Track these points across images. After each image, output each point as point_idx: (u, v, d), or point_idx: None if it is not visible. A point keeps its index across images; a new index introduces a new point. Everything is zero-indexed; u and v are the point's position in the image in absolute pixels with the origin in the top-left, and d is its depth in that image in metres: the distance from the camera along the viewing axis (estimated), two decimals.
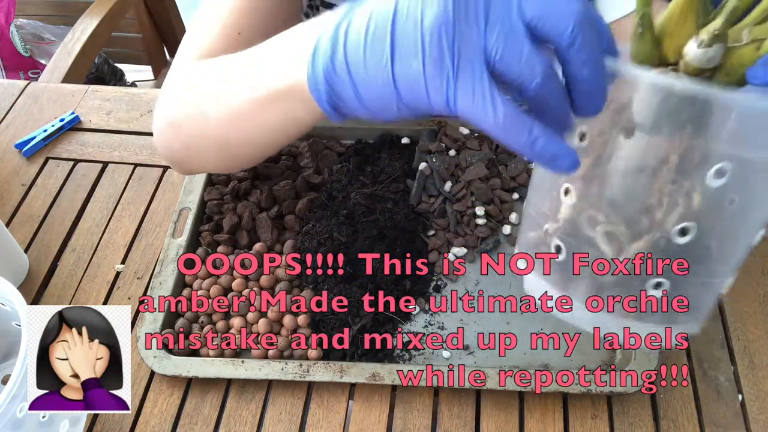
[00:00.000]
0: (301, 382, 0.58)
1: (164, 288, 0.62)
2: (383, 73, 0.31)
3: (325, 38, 0.33)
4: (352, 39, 0.31)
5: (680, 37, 0.35)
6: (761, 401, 0.58)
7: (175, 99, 0.55)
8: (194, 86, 0.53)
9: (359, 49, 0.31)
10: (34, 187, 0.75)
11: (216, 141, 0.51)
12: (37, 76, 1.46)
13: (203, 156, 0.55)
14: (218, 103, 0.48)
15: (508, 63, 0.28)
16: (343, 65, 0.32)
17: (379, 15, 0.31)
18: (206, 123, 0.51)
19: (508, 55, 0.28)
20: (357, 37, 0.31)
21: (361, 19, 0.31)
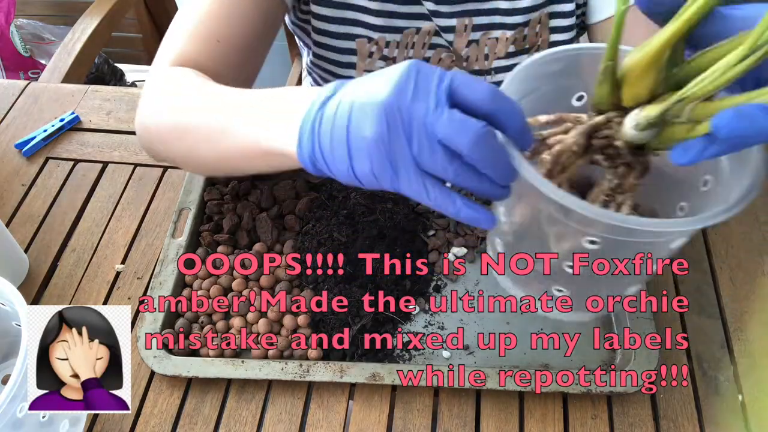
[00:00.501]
0: (301, 382, 0.58)
1: (164, 288, 0.62)
2: (347, 169, 0.41)
3: (306, 133, 0.42)
4: (324, 140, 0.41)
5: (638, 88, 0.39)
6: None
7: (160, 115, 0.59)
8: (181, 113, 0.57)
9: (328, 149, 0.41)
10: (34, 187, 0.75)
11: (202, 166, 0.60)
12: (37, 76, 1.46)
13: (186, 166, 0.63)
14: (207, 142, 0.54)
15: (428, 166, 0.39)
16: (321, 157, 0.42)
17: (339, 124, 0.40)
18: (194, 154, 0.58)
19: (426, 162, 0.38)
20: (326, 140, 0.41)
21: (326, 125, 0.41)
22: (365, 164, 0.39)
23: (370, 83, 0.40)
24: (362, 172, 0.40)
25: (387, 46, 0.71)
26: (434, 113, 0.37)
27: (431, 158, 0.38)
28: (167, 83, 0.60)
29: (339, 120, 0.40)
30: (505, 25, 0.69)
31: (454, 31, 0.69)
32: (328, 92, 0.42)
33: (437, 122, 0.37)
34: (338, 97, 0.41)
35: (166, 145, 0.59)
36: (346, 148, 0.40)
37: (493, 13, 0.68)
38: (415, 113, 0.38)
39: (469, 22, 0.69)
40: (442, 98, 0.38)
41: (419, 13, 0.69)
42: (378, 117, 0.38)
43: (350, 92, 0.41)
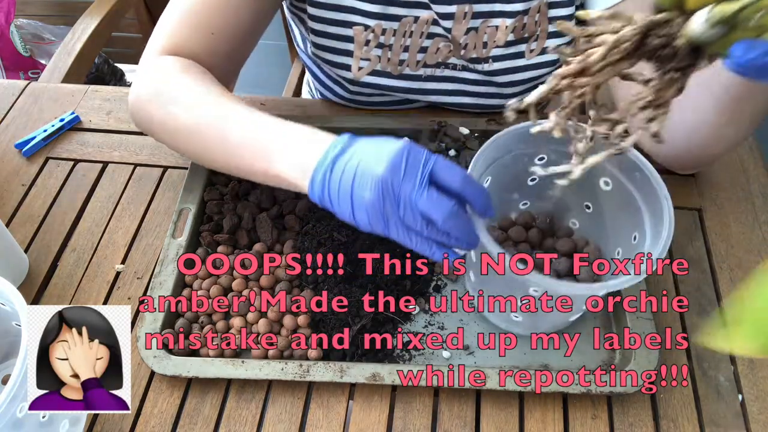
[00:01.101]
0: (301, 382, 0.58)
1: (164, 288, 0.62)
2: (349, 216, 0.51)
3: (318, 179, 0.51)
4: (332, 190, 0.51)
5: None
6: (761, 401, 0.58)
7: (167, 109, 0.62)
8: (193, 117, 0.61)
9: (335, 198, 0.51)
10: (34, 187, 0.75)
11: (206, 164, 0.65)
12: (37, 76, 1.46)
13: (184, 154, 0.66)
14: (219, 152, 0.59)
15: (411, 226, 0.50)
16: (328, 201, 0.52)
17: (344, 184, 0.50)
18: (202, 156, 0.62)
19: (410, 224, 0.49)
20: (334, 190, 0.50)
21: (335, 180, 0.50)
22: (363, 216, 0.50)
23: (373, 154, 0.49)
24: (361, 221, 0.50)
25: (383, 34, 0.71)
26: (417, 191, 0.48)
27: (413, 222, 0.49)
28: (173, 76, 0.63)
29: (345, 181, 0.50)
30: (505, 13, 0.69)
31: (453, 18, 0.69)
32: (340, 147, 0.51)
33: (419, 199, 0.48)
34: (347, 157, 0.50)
35: (171, 137, 0.63)
36: (350, 202, 0.50)
37: (494, 0, 0.69)
38: (403, 189, 0.48)
39: (469, 9, 0.69)
40: (424, 179, 0.48)
41: (417, 1, 0.69)
42: (375, 187, 0.48)
43: (357, 157, 0.50)
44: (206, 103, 0.60)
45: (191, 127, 0.60)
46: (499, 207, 0.67)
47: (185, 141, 0.62)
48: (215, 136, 0.58)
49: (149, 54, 0.66)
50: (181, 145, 0.63)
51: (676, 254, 0.67)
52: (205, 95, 0.61)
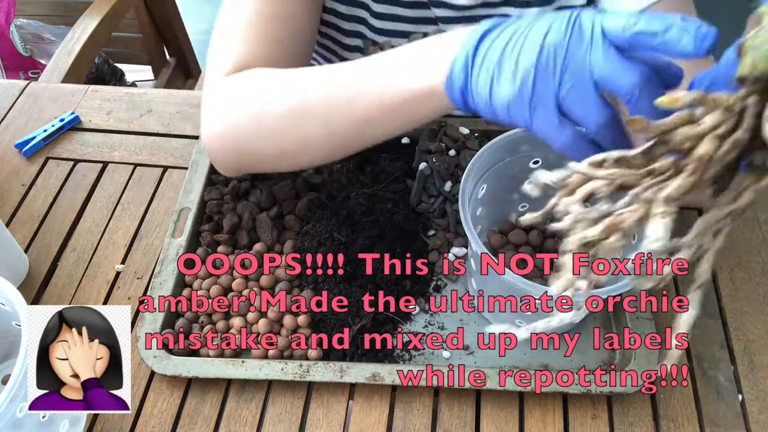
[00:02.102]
0: (301, 382, 0.58)
1: (164, 288, 0.62)
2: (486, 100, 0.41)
3: (459, 63, 0.42)
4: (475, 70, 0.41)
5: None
6: (761, 401, 0.58)
7: (261, 110, 0.55)
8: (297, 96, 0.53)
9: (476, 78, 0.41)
10: (34, 187, 0.75)
11: (318, 149, 0.56)
12: (37, 76, 1.46)
13: (292, 159, 0.58)
14: (338, 112, 0.51)
15: (571, 109, 0.39)
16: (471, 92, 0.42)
17: (492, 54, 0.40)
18: (316, 136, 0.54)
19: (575, 105, 0.38)
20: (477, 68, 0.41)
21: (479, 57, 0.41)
22: (506, 91, 0.40)
23: (533, 23, 0.40)
24: (498, 100, 0.40)
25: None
26: (594, 51, 0.37)
27: (581, 98, 0.38)
28: (253, 81, 0.57)
29: (492, 52, 0.40)
30: None
31: None
32: (488, 25, 0.42)
33: (599, 60, 0.37)
34: (498, 32, 0.41)
35: (274, 141, 0.56)
36: (490, 76, 0.40)
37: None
38: (574, 50, 0.38)
39: None
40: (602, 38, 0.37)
41: (426, 18, 0.68)
42: (533, 49, 0.38)
43: (511, 29, 0.41)
44: (301, 82, 0.54)
45: (298, 110, 0.53)
46: (499, 209, 0.67)
47: (299, 132, 0.54)
48: (326, 98, 0.51)
49: (214, 79, 0.59)
50: (297, 143, 0.55)
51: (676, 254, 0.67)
52: (296, 77, 0.54)
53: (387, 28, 0.69)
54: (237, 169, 0.63)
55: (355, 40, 0.71)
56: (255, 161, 0.60)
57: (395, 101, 0.47)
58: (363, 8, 0.68)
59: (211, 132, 0.59)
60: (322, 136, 0.53)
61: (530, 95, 0.39)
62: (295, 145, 0.55)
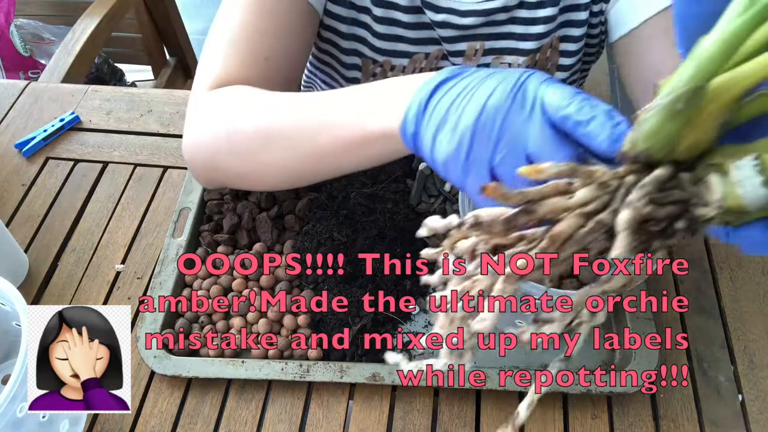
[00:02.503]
0: (301, 382, 0.58)
1: (164, 288, 0.62)
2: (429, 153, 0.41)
3: (412, 115, 0.42)
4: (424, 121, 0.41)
5: (708, 129, 0.28)
6: (761, 401, 0.58)
7: (234, 127, 0.55)
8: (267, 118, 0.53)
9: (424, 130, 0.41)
10: (34, 187, 0.75)
11: (284, 174, 0.55)
12: (37, 76, 1.46)
13: (259, 179, 0.58)
14: (301, 140, 0.51)
15: (502, 174, 0.38)
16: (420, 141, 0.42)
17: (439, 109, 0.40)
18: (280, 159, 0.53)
19: (503, 170, 0.38)
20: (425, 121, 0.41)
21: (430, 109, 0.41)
22: (442, 150, 0.39)
23: (485, 80, 0.40)
24: (438, 156, 0.40)
25: (392, 70, 0.70)
26: (531, 125, 0.37)
27: (510, 168, 0.37)
28: (230, 98, 0.57)
29: (440, 108, 0.40)
30: (518, 51, 0.68)
31: (463, 55, 0.68)
32: (443, 77, 0.42)
33: (532, 136, 0.36)
34: (452, 83, 0.41)
35: (240, 160, 0.56)
36: (434, 131, 0.40)
37: (508, 38, 0.67)
38: (511, 120, 0.37)
39: (480, 46, 0.67)
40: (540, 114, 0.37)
41: (428, 38, 0.68)
42: (473, 113, 0.38)
43: (464, 82, 0.40)
44: (274, 106, 0.53)
45: (266, 133, 0.53)
46: None
47: (264, 156, 0.54)
48: (296, 129, 0.51)
49: (198, 92, 0.59)
50: (261, 165, 0.55)
51: (676, 254, 0.67)
52: (270, 100, 0.54)
53: (387, 48, 0.68)
54: (210, 182, 0.63)
55: (354, 59, 0.71)
56: (224, 178, 0.60)
57: (354, 140, 0.48)
58: (364, 28, 0.68)
59: (187, 145, 0.59)
60: (285, 162, 0.53)
61: (465, 157, 0.39)
62: (260, 167, 0.55)
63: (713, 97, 0.27)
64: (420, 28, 0.67)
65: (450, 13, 0.65)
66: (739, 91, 0.26)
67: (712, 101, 0.27)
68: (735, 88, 0.26)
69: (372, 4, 0.66)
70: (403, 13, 0.66)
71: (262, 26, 0.59)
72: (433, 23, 0.66)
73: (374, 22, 0.67)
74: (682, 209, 0.28)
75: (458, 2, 0.64)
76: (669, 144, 0.28)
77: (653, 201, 0.28)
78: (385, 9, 0.65)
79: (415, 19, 0.66)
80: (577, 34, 0.67)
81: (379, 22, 0.67)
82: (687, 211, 0.28)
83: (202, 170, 0.60)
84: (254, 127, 0.53)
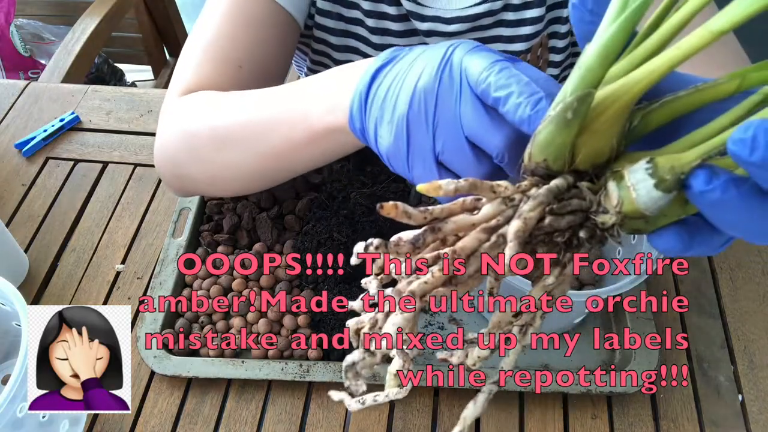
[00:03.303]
0: (301, 382, 0.58)
1: (164, 288, 0.62)
2: (374, 146, 0.39)
3: (356, 108, 0.40)
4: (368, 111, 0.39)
5: (604, 139, 0.27)
6: (761, 401, 0.58)
7: (192, 132, 0.55)
8: (220, 120, 0.53)
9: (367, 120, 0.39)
10: (34, 187, 0.75)
11: (242, 177, 0.54)
12: (37, 76, 1.46)
13: (222, 185, 0.57)
14: (253, 141, 0.50)
15: (449, 163, 0.36)
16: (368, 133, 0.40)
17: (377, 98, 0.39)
18: (235, 163, 0.53)
19: (450, 157, 0.36)
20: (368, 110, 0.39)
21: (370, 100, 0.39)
22: (384, 140, 0.38)
23: (417, 59, 0.38)
24: (381, 147, 0.39)
25: None
26: (463, 106, 0.34)
27: (455, 151, 0.35)
28: (194, 103, 0.56)
29: (377, 97, 0.38)
30: (508, 53, 0.68)
31: None
32: (381, 61, 0.40)
33: (467, 116, 0.34)
34: (388, 69, 0.39)
35: (201, 165, 0.55)
36: (375, 122, 0.39)
37: (496, 41, 0.67)
38: (444, 103, 0.35)
39: None
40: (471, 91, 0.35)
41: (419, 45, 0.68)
42: (407, 99, 0.36)
43: (399, 66, 0.39)
44: (229, 106, 0.53)
45: (220, 135, 0.52)
46: None
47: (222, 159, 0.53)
48: (247, 130, 0.50)
49: (168, 98, 0.59)
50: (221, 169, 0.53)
51: None
52: (226, 101, 0.53)
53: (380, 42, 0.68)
54: (183, 191, 0.62)
55: None
56: (193, 185, 0.59)
57: (303, 138, 0.46)
58: (357, 39, 0.68)
59: (155, 155, 0.59)
60: (242, 164, 0.52)
61: (406, 149, 0.37)
62: (222, 170, 0.54)
63: (606, 105, 0.27)
64: (411, 35, 0.67)
65: (436, 21, 0.64)
66: (630, 97, 0.26)
67: (605, 109, 0.27)
68: (626, 95, 0.26)
69: (364, 15, 0.65)
70: (392, 21, 0.65)
71: (237, 35, 0.58)
72: (420, 32, 0.66)
73: (370, 34, 0.66)
74: (582, 218, 0.28)
75: (443, 10, 0.64)
76: (564, 155, 0.28)
77: (552, 212, 0.28)
78: (378, 20, 0.65)
79: (405, 26, 0.66)
80: (564, 31, 0.68)
81: (373, 32, 0.66)
82: (588, 219, 0.28)
83: (171, 178, 0.60)
84: (209, 130, 0.53)
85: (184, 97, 0.57)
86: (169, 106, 0.58)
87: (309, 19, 0.67)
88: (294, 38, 0.64)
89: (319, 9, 0.66)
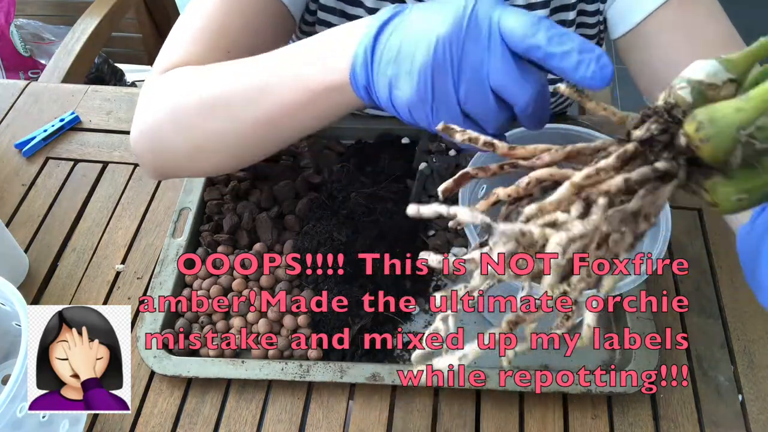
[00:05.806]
0: (301, 382, 0.58)
1: (164, 288, 0.62)
2: (386, 100, 0.40)
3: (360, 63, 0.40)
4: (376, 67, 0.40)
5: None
6: (761, 401, 0.58)
7: (176, 103, 0.53)
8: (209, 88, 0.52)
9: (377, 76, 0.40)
10: (34, 187, 0.75)
11: (235, 146, 0.53)
12: (37, 76, 1.46)
13: (210, 158, 0.55)
14: (246, 106, 0.49)
15: (471, 111, 0.37)
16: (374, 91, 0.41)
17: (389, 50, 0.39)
18: (226, 131, 0.51)
19: (474, 108, 0.37)
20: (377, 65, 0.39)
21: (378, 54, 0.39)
22: (403, 93, 0.38)
23: (429, 12, 0.38)
24: (399, 102, 0.39)
25: None
26: (492, 56, 0.35)
27: (480, 103, 0.36)
28: (180, 75, 0.55)
29: (389, 48, 0.39)
30: None
31: None
32: (387, 16, 0.40)
33: (495, 68, 0.35)
34: (396, 22, 0.39)
35: (187, 132, 0.53)
36: (388, 76, 0.39)
37: None
38: (469, 53, 0.36)
39: None
40: (500, 42, 0.35)
41: None
42: (428, 49, 0.36)
43: (409, 19, 0.39)
44: (216, 75, 0.51)
45: (208, 103, 0.50)
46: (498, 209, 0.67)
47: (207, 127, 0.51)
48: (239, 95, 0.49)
49: (153, 75, 0.57)
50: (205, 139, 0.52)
51: (676, 254, 0.67)
52: (212, 70, 0.52)
53: None
54: (160, 171, 0.60)
55: None
56: (173, 161, 0.57)
57: (299, 99, 0.46)
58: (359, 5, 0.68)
59: (135, 131, 0.57)
60: (230, 131, 0.51)
61: (431, 98, 0.37)
62: (207, 140, 0.53)
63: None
64: None
65: None
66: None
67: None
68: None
69: (367, 13, 0.65)
70: None
71: (228, 21, 0.58)
72: None
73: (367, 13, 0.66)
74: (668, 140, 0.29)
75: None
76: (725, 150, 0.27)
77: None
78: None
79: None
80: (570, 18, 0.67)
81: None
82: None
83: (150, 157, 0.57)
84: (196, 99, 0.51)
85: (169, 72, 0.56)
86: (152, 82, 0.57)
87: (311, 14, 0.67)
88: (287, 32, 0.64)
89: (321, 5, 0.66)
